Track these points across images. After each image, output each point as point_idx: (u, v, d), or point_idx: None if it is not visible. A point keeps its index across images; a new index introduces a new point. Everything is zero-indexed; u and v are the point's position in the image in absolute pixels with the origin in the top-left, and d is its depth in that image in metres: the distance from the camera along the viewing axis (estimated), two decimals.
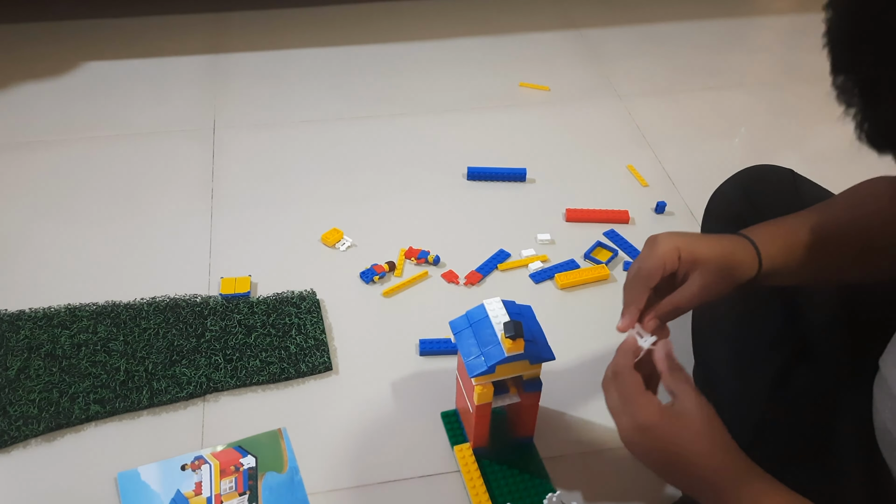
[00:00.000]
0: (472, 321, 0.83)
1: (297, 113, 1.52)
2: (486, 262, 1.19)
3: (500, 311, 0.82)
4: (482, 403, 0.84)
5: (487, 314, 0.82)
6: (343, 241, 1.22)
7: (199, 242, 1.22)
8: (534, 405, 0.88)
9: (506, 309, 0.83)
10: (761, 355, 0.82)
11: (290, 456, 0.93)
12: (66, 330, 1.06)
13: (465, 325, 0.84)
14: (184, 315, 1.08)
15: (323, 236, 1.22)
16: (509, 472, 0.90)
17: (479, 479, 0.88)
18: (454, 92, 1.59)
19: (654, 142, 1.47)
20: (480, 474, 0.89)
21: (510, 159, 1.40)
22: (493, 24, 1.83)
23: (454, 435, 0.95)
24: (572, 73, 1.67)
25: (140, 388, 0.99)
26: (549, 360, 0.82)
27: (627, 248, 1.22)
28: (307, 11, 1.85)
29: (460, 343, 0.83)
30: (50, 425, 0.95)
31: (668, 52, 1.75)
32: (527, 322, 0.83)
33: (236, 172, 1.37)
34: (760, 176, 0.94)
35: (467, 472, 0.89)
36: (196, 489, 0.89)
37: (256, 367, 1.02)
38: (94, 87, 1.58)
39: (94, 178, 1.35)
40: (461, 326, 0.84)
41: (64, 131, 1.46)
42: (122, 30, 1.77)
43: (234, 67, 1.65)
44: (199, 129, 1.47)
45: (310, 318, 1.08)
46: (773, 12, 1.97)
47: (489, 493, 0.87)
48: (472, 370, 0.80)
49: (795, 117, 1.55)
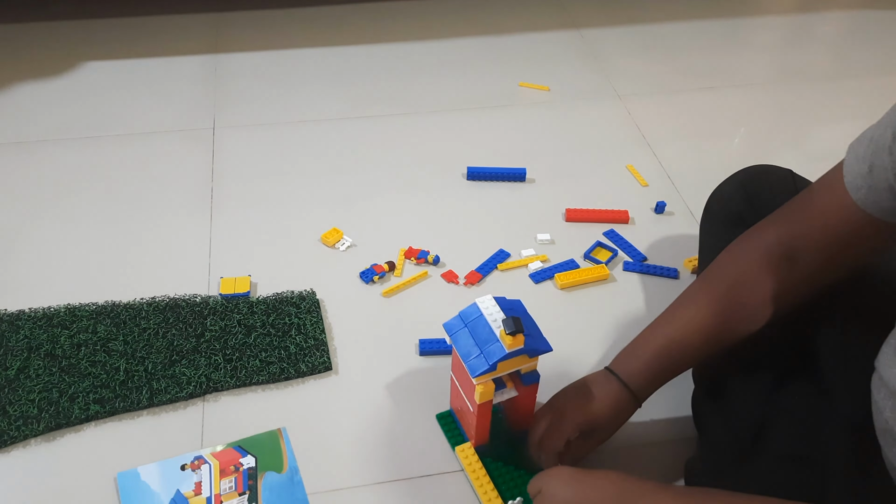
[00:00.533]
0: (466, 321, 0.83)
1: (297, 113, 1.52)
2: (485, 262, 1.19)
3: (495, 309, 0.82)
4: (484, 402, 0.84)
5: (482, 313, 0.82)
6: (343, 241, 1.22)
7: (199, 242, 1.22)
8: (532, 397, 0.88)
9: (499, 305, 0.83)
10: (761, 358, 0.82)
11: (289, 456, 0.93)
12: (66, 330, 1.06)
13: (460, 326, 0.83)
14: (184, 315, 1.08)
15: (323, 236, 1.22)
16: (513, 468, 0.90)
17: (485, 478, 0.88)
18: (454, 92, 1.59)
19: (654, 142, 1.47)
20: (486, 472, 0.89)
21: (510, 159, 1.40)
22: (493, 24, 1.83)
23: (453, 436, 0.94)
24: (572, 73, 1.67)
25: (140, 387, 0.99)
26: (547, 351, 0.82)
27: (627, 248, 1.22)
28: (307, 11, 1.85)
29: (457, 344, 0.83)
30: (50, 425, 0.95)
31: (668, 52, 1.76)
32: (521, 316, 0.83)
33: (236, 172, 1.37)
34: (759, 175, 0.94)
35: (473, 472, 0.89)
36: (196, 489, 0.89)
37: (256, 367, 1.02)
38: (94, 87, 1.58)
39: (94, 178, 1.35)
40: (456, 327, 0.84)
41: (64, 131, 1.46)
42: (122, 30, 1.77)
43: (234, 67, 1.65)
44: (199, 129, 1.47)
45: (310, 318, 1.08)
46: (773, 12, 1.97)
47: (497, 489, 0.87)
48: (475, 370, 0.80)
49: (795, 117, 1.55)
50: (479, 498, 0.87)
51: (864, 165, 0.68)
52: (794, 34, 1.88)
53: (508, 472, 0.90)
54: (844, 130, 1.54)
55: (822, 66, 1.71)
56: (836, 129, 1.52)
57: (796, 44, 1.84)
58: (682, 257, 1.21)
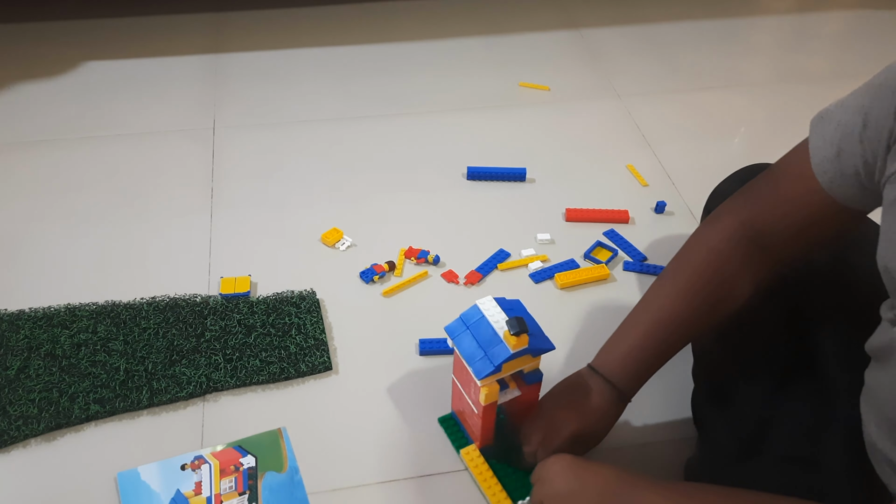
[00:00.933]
0: (468, 323, 0.83)
1: (297, 113, 1.52)
2: (486, 262, 1.19)
3: (496, 310, 0.82)
4: (489, 403, 0.84)
5: (483, 314, 0.82)
6: (343, 240, 1.22)
7: (199, 242, 1.22)
8: (535, 396, 0.88)
9: (500, 306, 0.83)
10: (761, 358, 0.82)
11: (289, 456, 0.93)
12: (66, 330, 1.06)
13: (462, 329, 0.83)
14: (184, 315, 1.08)
15: (323, 236, 1.22)
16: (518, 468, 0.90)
17: (493, 479, 0.88)
18: (454, 92, 1.59)
19: (654, 142, 1.47)
20: (493, 473, 0.89)
21: (510, 159, 1.40)
22: (493, 24, 1.83)
23: (456, 439, 0.94)
24: (572, 73, 1.67)
25: (140, 387, 0.99)
26: (550, 349, 0.82)
27: (627, 248, 1.22)
28: (307, 11, 1.85)
29: (460, 347, 0.82)
30: (50, 425, 0.95)
31: (668, 52, 1.76)
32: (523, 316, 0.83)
33: (236, 172, 1.37)
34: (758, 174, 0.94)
35: (480, 474, 0.89)
36: (196, 489, 0.89)
37: (256, 367, 1.02)
38: (94, 87, 1.58)
39: (94, 178, 1.35)
40: (458, 330, 0.83)
41: (64, 131, 1.46)
42: (122, 30, 1.77)
43: (234, 67, 1.65)
44: (198, 129, 1.47)
45: (310, 318, 1.08)
46: (773, 12, 1.97)
47: (506, 490, 0.87)
48: (480, 372, 0.80)
49: (795, 117, 1.55)
50: (487, 500, 0.87)
51: (831, 149, 0.68)
52: (793, 34, 1.88)
53: (515, 473, 0.90)
54: None
55: (822, 66, 1.71)
56: None
57: (796, 44, 1.84)
58: None
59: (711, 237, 0.80)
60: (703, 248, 0.81)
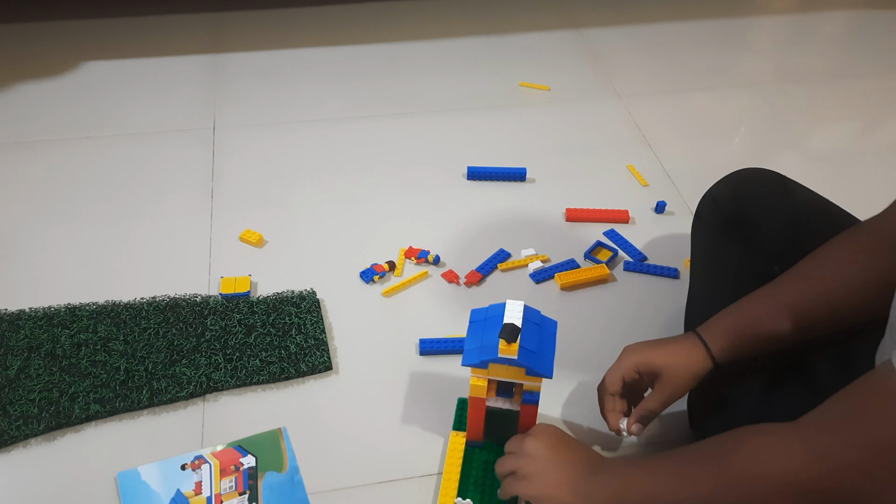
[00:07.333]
0: (488, 315, 0.84)
1: (297, 113, 1.52)
2: (486, 262, 1.19)
3: (516, 315, 0.81)
4: (475, 397, 0.85)
5: (503, 314, 0.82)
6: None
7: (199, 242, 1.22)
8: (531, 417, 0.86)
9: (524, 314, 0.82)
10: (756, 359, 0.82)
11: (290, 455, 0.93)
12: (66, 329, 1.06)
13: (482, 317, 0.85)
14: (184, 315, 1.08)
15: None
16: (491, 476, 0.89)
17: (456, 468, 0.88)
18: (454, 92, 1.59)
19: (654, 142, 1.47)
20: (461, 464, 0.88)
21: (510, 159, 1.40)
22: (493, 24, 1.83)
23: (460, 421, 0.95)
24: (572, 73, 1.67)
25: (140, 387, 0.99)
26: (545, 376, 0.81)
27: (627, 248, 1.22)
28: (307, 11, 1.85)
29: (470, 330, 0.84)
30: (50, 425, 0.95)
31: (668, 52, 1.76)
32: (539, 334, 0.82)
33: (236, 172, 1.37)
34: (748, 179, 0.94)
35: (450, 459, 0.89)
36: (196, 489, 0.89)
37: (256, 367, 1.02)
38: (94, 87, 1.58)
39: (94, 178, 1.35)
40: (479, 316, 0.85)
41: (64, 131, 1.46)
42: (122, 30, 1.77)
43: (234, 67, 1.65)
44: (199, 129, 1.47)
45: (310, 318, 1.08)
46: (773, 12, 1.97)
47: (460, 484, 0.87)
48: (466, 359, 0.82)
49: (795, 117, 1.55)
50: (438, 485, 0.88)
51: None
52: (793, 34, 1.89)
53: (485, 476, 0.89)
54: (844, 130, 1.55)
55: (822, 66, 1.71)
56: (836, 129, 1.52)
57: (796, 44, 1.84)
58: (682, 257, 1.21)
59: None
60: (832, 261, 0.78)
